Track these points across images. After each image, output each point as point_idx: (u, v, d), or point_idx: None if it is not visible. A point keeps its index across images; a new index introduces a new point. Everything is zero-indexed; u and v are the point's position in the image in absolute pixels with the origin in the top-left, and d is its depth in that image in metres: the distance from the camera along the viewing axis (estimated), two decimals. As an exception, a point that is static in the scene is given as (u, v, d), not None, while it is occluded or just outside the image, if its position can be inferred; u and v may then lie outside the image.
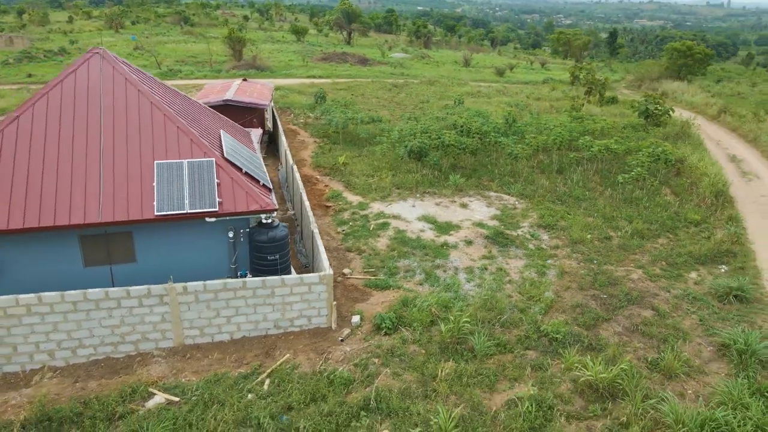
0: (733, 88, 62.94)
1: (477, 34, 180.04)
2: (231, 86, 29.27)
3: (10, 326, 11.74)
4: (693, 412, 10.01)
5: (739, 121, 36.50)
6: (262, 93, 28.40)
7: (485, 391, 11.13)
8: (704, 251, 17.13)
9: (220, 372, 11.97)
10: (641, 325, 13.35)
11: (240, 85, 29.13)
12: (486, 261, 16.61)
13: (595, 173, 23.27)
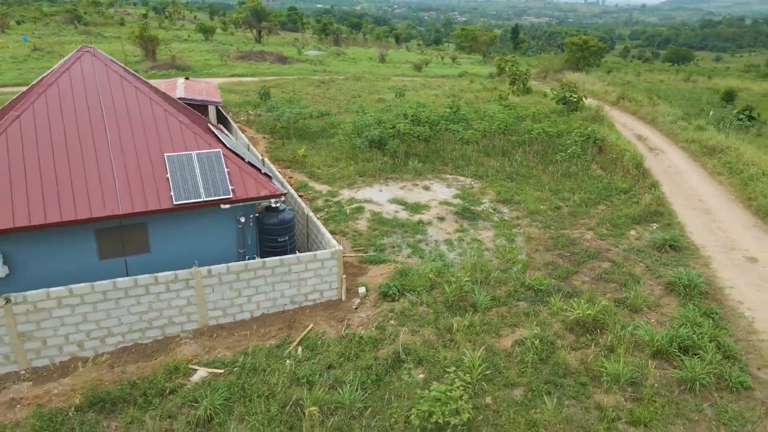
0: (622, 77, 70.07)
1: (381, 31, 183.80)
2: (177, 85, 29.16)
3: (40, 320, 11.98)
4: (662, 332, 12.45)
5: (636, 106, 41.39)
6: (210, 91, 28.61)
7: (493, 336, 12.98)
8: (637, 213, 20.17)
9: (251, 345, 12.92)
10: (603, 274, 15.85)
11: (186, 84, 29.10)
12: (460, 233, 18.54)
13: (534, 154, 26.04)
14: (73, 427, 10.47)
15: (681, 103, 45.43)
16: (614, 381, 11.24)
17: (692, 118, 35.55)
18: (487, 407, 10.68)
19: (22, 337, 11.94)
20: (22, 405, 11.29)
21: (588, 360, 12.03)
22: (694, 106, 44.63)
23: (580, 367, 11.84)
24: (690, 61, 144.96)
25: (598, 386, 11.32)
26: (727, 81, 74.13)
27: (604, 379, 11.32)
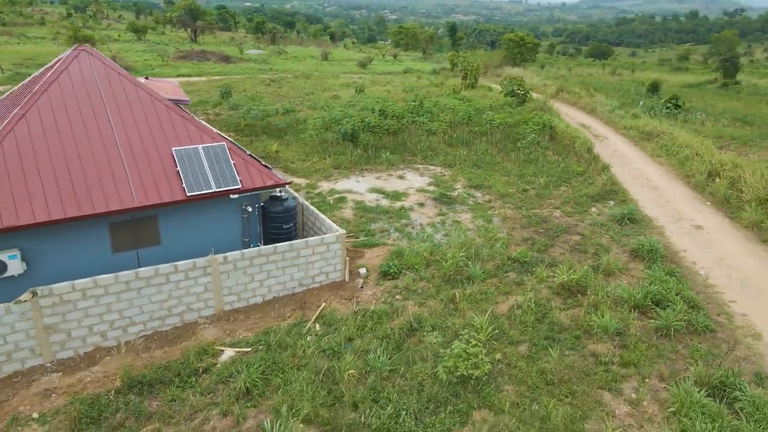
0: (556, 72, 74.26)
1: (316, 29, 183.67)
2: (137, 85, 28.91)
3: (65, 312, 12.28)
4: (637, 290, 14.28)
5: (575, 97, 44.39)
6: (176, 90, 28.56)
7: (492, 303, 14.36)
8: (595, 192, 22.26)
9: (270, 326, 13.70)
10: (576, 246, 17.65)
11: (149, 83, 28.90)
12: (441, 217, 19.89)
13: (495, 143, 27.83)
14: (118, 407, 10.97)
15: (613, 94, 49.03)
16: (603, 332, 12.88)
17: (627, 108, 38.69)
18: (500, 361, 12.02)
19: (48, 329, 12.21)
20: (57, 394, 11.62)
21: (578, 317, 13.64)
22: (625, 96, 48.31)
23: (572, 324, 13.44)
24: (609, 56, 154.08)
25: (590, 338, 12.93)
26: (647, 74, 79.88)
27: (595, 332, 12.95)
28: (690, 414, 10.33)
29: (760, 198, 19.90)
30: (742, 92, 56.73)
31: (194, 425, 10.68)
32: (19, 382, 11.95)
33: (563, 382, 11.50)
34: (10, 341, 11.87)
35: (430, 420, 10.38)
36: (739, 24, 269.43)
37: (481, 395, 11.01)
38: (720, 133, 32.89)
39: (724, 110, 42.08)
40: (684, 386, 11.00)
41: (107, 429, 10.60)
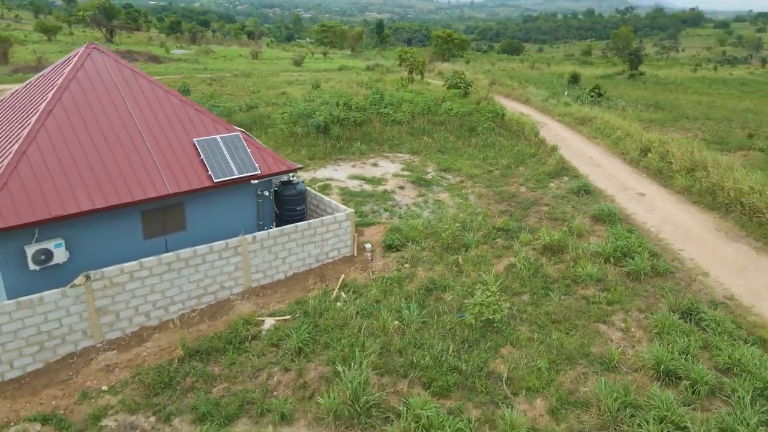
0: (481, 66, 78.46)
1: (234, 28, 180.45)
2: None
3: (114, 294, 13.06)
4: (607, 245, 16.89)
5: (509, 89, 47.88)
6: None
7: (489, 265, 16.45)
8: (550, 170, 25.05)
9: (299, 297, 15.04)
10: (546, 215, 20.17)
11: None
12: (422, 197, 21.83)
13: (453, 131, 30.15)
14: (186, 372, 12.02)
15: (540, 86, 53.15)
16: (588, 279, 15.33)
17: (556, 97, 42.47)
18: (510, 308, 14.10)
19: (99, 311, 12.95)
20: (119, 368, 12.47)
21: (564, 270, 16.02)
22: (550, 88, 52.55)
23: (561, 276, 15.79)
24: (521, 51, 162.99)
25: (578, 285, 15.32)
26: (561, 67, 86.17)
27: (581, 280, 15.36)
28: (669, 332, 12.88)
29: (686, 168, 23.43)
30: (648, 82, 63.13)
31: (259, 381, 11.94)
32: (76, 362, 12.64)
33: (565, 319, 13.77)
34: (65, 324, 12.52)
35: (467, 356, 12.27)
36: (630, 21, 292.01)
37: (503, 335, 13.04)
38: (639, 117, 37.15)
39: (636, 98, 47.08)
40: (661, 313, 13.59)
41: (180, 391, 11.65)
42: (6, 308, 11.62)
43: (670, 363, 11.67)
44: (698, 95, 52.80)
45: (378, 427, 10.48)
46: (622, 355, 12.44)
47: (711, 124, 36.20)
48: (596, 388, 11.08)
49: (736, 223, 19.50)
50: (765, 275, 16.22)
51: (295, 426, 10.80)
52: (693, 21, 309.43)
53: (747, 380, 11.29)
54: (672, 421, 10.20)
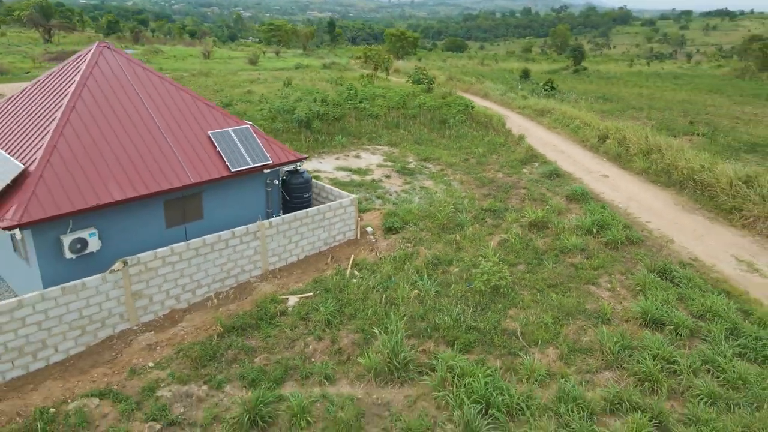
0: (433, 63, 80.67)
1: (174, 27, 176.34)
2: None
3: (149, 279, 13.80)
4: (585, 220, 18.83)
5: (467, 84, 50.00)
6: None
7: (484, 241, 18.06)
8: (521, 158, 27.00)
9: (315, 276, 16.13)
10: (525, 196, 22.00)
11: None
12: (409, 185, 23.23)
13: (425, 124, 31.70)
14: (228, 345, 12.97)
15: (495, 81, 55.63)
16: (573, 249, 17.17)
17: (514, 91, 44.88)
18: (510, 276, 15.72)
19: (135, 295, 13.66)
20: (161, 347, 13.25)
21: (551, 243, 17.82)
22: (504, 83, 55.12)
23: (549, 247, 17.57)
24: (464, 49, 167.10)
25: (565, 255, 17.13)
26: (508, 64, 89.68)
27: (568, 250, 17.18)
28: (650, 289, 14.84)
29: (642, 151, 25.89)
30: (591, 76, 67.03)
31: (296, 350, 13.03)
32: (116, 344, 13.31)
33: (560, 284, 15.51)
34: (105, 308, 13.16)
35: (482, 317, 13.77)
36: (565, 19, 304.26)
37: (509, 298, 14.63)
38: (591, 108, 39.94)
39: (585, 91, 50.22)
40: (640, 274, 15.56)
41: (225, 362, 12.60)
42: (52, 294, 12.19)
43: (655, 312, 13.57)
44: (638, 88, 56.72)
45: (416, 380, 11.81)
46: (613, 309, 14.27)
47: (655, 113, 39.41)
48: (597, 336, 12.82)
49: (691, 198, 21.96)
50: (720, 240, 18.57)
51: (338, 385, 11.97)
52: (622, 19, 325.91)
53: (719, 323, 13.33)
54: (663, 357, 12.04)
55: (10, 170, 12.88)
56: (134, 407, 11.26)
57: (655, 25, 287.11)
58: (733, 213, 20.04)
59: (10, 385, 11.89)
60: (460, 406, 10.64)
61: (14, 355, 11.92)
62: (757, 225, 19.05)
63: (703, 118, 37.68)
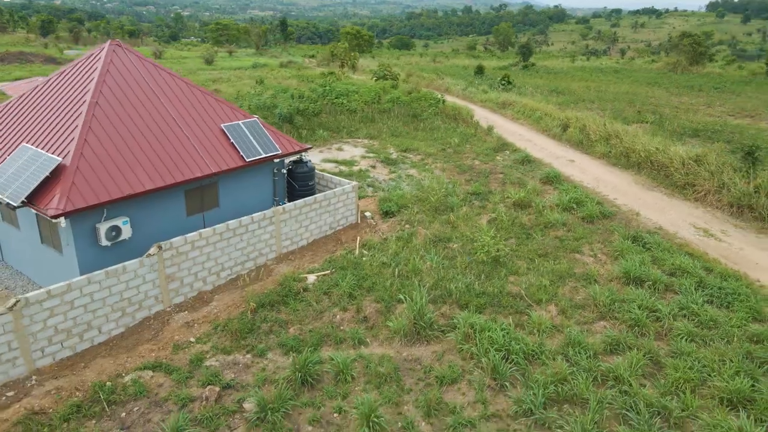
0: (387, 61, 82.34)
1: (113, 26, 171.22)
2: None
3: (180, 262, 14.70)
4: (561, 197, 20.86)
5: (427, 81, 51.89)
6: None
7: (475, 220, 19.77)
8: (493, 146, 28.97)
9: (327, 257, 17.37)
10: (504, 180, 23.90)
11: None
12: (395, 174, 24.71)
13: (400, 117, 33.23)
14: (264, 317, 14.09)
15: (452, 77, 57.84)
16: (556, 223, 19.12)
17: (474, 86, 47.09)
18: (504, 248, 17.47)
19: (168, 278, 14.54)
20: (198, 324, 14.21)
21: (535, 219, 19.73)
22: (462, 79, 57.39)
23: (533, 223, 19.47)
24: (411, 47, 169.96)
25: (549, 229, 19.06)
26: (459, 60, 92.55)
27: (551, 225, 19.12)
28: (627, 253, 16.92)
29: (602, 137, 28.38)
30: (540, 71, 70.45)
31: (325, 320, 14.28)
32: (154, 324, 14.18)
33: (549, 253, 17.39)
34: (142, 291, 14.00)
35: (488, 283, 15.42)
36: (505, 17, 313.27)
37: (507, 267, 16.36)
38: (547, 101, 42.58)
39: (537, 85, 53.12)
40: (617, 242, 17.65)
41: (262, 334, 13.71)
42: (97, 277, 12.96)
43: (634, 272, 15.61)
44: (585, 82, 60.31)
45: (441, 337, 13.32)
46: (598, 272, 16.24)
47: (605, 104, 42.45)
48: (590, 293, 14.73)
49: (649, 177, 24.48)
50: (679, 212, 21.02)
51: (371, 347, 13.32)
52: (558, 17, 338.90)
53: (688, 278, 15.51)
54: (647, 307, 14.05)
55: (48, 162, 13.51)
56: (187, 376, 12.25)
57: (588, 23, 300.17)
58: (687, 188, 22.62)
59: (62, 364, 12.63)
60: (486, 354, 12.22)
61: (63, 336, 12.64)
62: (708, 198, 21.64)
63: (648, 108, 40.99)
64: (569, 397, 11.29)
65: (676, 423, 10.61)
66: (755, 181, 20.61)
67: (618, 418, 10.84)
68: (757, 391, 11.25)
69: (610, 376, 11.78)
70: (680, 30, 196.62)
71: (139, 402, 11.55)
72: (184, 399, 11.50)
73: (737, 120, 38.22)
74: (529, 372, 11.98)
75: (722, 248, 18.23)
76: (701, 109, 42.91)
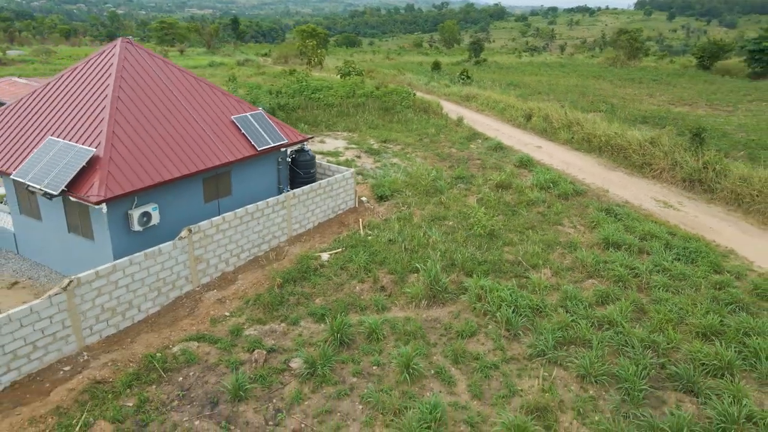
0: (342, 57, 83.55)
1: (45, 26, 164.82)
2: (17, 84, 28.28)
3: (207, 245, 15.73)
4: (538, 178, 22.94)
5: (389, 77, 53.50)
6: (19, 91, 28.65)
7: (464, 200, 21.53)
8: (465, 136, 30.91)
9: (334, 237, 18.71)
10: (482, 165, 25.83)
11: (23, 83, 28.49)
12: (380, 162, 26.20)
13: (373, 111, 34.70)
14: (290, 291, 15.34)
15: (412, 72, 59.73)
16: (536, 201, 21.15)
17: (436, 80, 49.12)
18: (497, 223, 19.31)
19: (196, 260, 15.56)
20: (229, 300, 15.32)
21: (517, 198, 21.70)
22: (422, 74, 59.39)
23: (517, 201, 21.42)
24: (358, 45, 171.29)
25: (531, 206, 21.06)
26: (412, 57, 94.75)
27: (532, 202, 21.14)
28: (602, 224, 19.10)
29: (564, 125, 30.85)
30: (493, 67, 73.45)
31: (346, 292, 15.66)
32: (186, 302, 15.17)
33: (534, 226, 19.35)
34: (175, 272, 14.97)
35: (487, 253, 17.19)
36: (447, 15, 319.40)
37: (501, 239, 18.20)
38: (506, 93, 45.09)
39: (492, 79, 55.75)
40: (592, 214, 19.83)
41: (292, 305, 14.97)
42: (137, 258, 13.87)
43: (612, 238, 17.77)
44: (536, 76, 63.59)
45: (454, 299, 14.98)
46: (580, 240, 18.32)
47: (559, 96, 45.36)
48: (578, 256, 16.75)
49: (610, 159, 27.02)
50: (640, 188, 23.53)
51: (392, 311, 14.82)
52: (498, 15, 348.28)
53: (657, 241, 17.80)
54: (627, 266, 16.19)
55: (83, 153, 14.27)
56: (231, 344, 13.40)
57: (527, 20, 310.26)
58: (645, 167, 25.24)
59: (109, 341, 13.51)
60: (498, 308, 13.95)
61: (109, 314, 13.51)
62: (663, 175, 24.29)
63: (598, 98, 44.15)
64: (574, 339, 13.18)
65: (664, 353, 12.66)
66: (703, 159, 23.37)
67: (616, 353, 12.79)
68: (725, 325, 13.49)
69: (605, 321, 13.75)
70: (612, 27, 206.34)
71: (193, 368, 12.63)
72: (235, 362, 12.66)
73: (678, 108, 41.88)
74: (536, 322, 13.79)
75: (680, 216, 20.75)
76: (644, 99, 46.54)
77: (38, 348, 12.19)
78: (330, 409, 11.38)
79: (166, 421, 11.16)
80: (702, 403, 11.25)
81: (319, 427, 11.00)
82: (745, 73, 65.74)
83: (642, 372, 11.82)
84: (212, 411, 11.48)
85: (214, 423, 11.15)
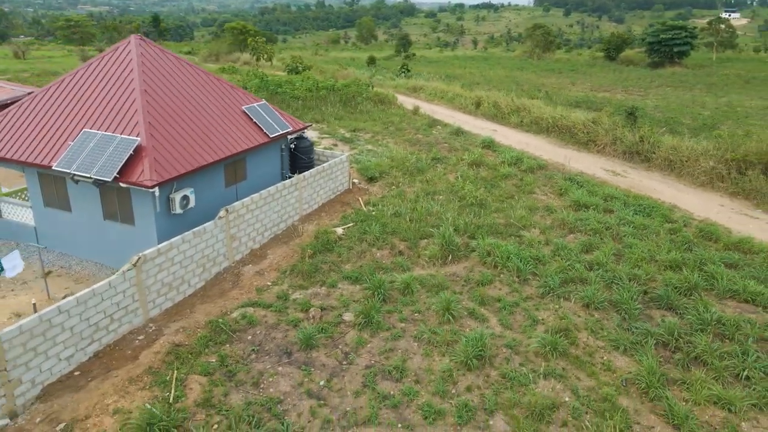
0: (276, 54, 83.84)
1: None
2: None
3: (239, 224, 17.11)
4: (504, 156, 25.84)
5: (331, 71, 55.14)
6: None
7: (445, 177, 23.97)
8: (426, 123, 33.40)
9: (340, 214, 20.53)
10: (450, 148, 28.41)
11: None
12: (356, 149, 28.10)
13: (334, 103, 36.42)
14: (321, 260, 17.09)
15: (354, 67, 61.64)
16: (509, 175, 24.01)
17: (379, 74, 51.41)
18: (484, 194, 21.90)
19: (232, 238, 16.93)
20: (267, 271, 16.83)
21: (491, 173, 24.46)
22: (362, 68, 61.42)
23: (492, 176, 24.17)
24: (274, 42, 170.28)
25: (504, 179, 23.88)
26: (338, 53, 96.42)
27: (505, 176, 23.96)
28: (569, 190, 22.24)
29: (513, 110, 34.14)
30: (423, 60, 76.81)
31: (368, 258, 17.62)
32: (228, 277, 16.52)
33: (512, 196, 22.14)
34: (215, 249, 16.28)
35: (482, 219, 19.73)
36: (359, 11, 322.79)
37: (487, 207, 20.81)
38: (448, 84, 48.18)
39: (429, 72, 58.89)
40: (559, 183, 22.95)
41: (326, 272, 16.73)
42: (188, 237, 15.11)
43: (580, 201, 20.89)
44: (465, 69, 67.54)
45: (467, 256, 17.37)
46: (554, 204, 21.31)
47: (497, 85, 49.12)
48: (559, 215, 19.68)
49: (558, 138, 30.53)
50: (589, 162, 27.07)
51: (414, 271, 16.98)
52: (408, 11, 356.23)
53: (617, 202, 21.13)
54: (599, 221, 19.29)
55: (128, 143, 15.26)
56: (283, 307, 15.02)
57: (436, 16, 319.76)
58: (590, 144, 28.89)
59: (168, 312, 14.71)
60: (508, 260, 16.50)
61: (167, 289, 14.71)
62: (607, 149, 28.02)
63: (531, 87, 48.32)
64: (573, 279, 15.95)
65: (644, 283, 15.72)
66: (639, 133, 27.28)
67: (609, 287, 15.70)
68: (685, 259, 16.80)
69: (593, 263, 16.67)
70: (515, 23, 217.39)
71: (257, 328, 14.16)
72: (294, 320, 14.33)
73: (600, 94, 46.83)
74: (540, 269, 16.46)
75: (628, 182, 24.37)
76: (568, 87, 51.38)
77: (114, 320, 13.26)
78: (391, 348, 13.36)
79: (251, 371, 12.70)
80: (681, 315, 14.33)
81: (387, 362, 12.97)
82: (646, 63, 73.35)
83: (632, 297, 14.77)
84: (289, 359, 13.14)
85: (295, 368, 12.83)
